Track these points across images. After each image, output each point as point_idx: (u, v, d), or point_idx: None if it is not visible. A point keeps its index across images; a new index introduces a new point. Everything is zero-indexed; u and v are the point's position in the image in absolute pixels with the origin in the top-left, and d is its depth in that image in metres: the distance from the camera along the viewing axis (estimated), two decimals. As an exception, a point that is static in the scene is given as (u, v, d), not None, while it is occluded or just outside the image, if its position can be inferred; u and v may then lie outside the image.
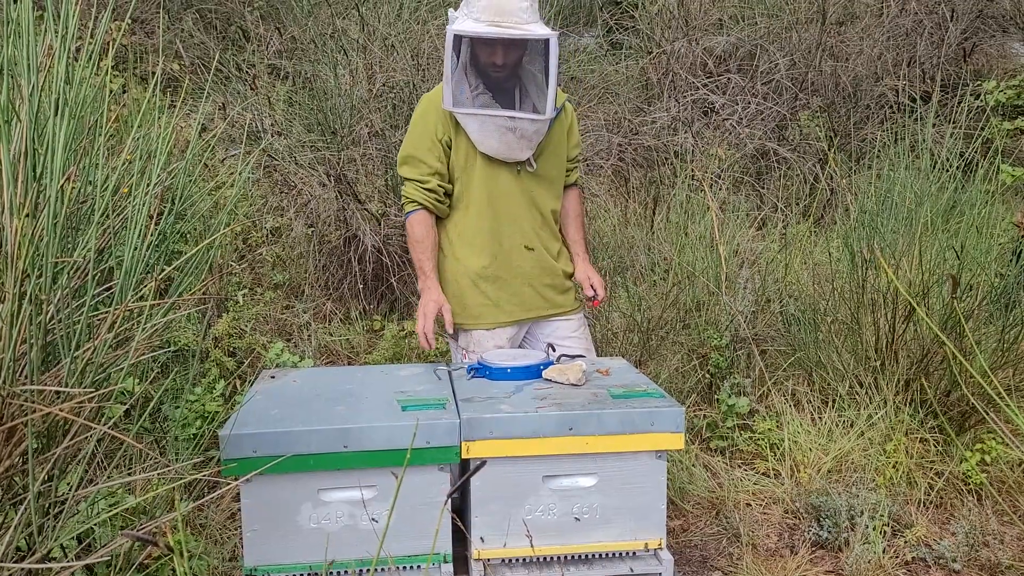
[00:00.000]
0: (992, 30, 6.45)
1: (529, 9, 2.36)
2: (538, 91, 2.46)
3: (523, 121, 2.41)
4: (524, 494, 1.99)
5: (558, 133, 2.60)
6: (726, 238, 4.11)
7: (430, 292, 2.51)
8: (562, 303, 2.67)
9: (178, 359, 3.23)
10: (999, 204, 3.90)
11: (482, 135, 2.44)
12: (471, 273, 2.55)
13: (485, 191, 2.52)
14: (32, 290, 1.41)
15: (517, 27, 2.33)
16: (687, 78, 5.54)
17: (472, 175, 2.52)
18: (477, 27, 2.34)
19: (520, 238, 2.57)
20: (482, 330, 2.57)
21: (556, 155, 2.62)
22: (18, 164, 1.44)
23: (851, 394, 3.26)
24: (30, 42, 1.59)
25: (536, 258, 2.59)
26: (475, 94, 2.45)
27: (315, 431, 1.88)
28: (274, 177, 4.58)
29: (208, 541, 2.50)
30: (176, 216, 2.02)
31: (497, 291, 2.56)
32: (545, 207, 2.61)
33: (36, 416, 1.45)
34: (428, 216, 2.53)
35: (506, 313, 2.58)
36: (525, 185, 2.55)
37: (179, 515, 1.31)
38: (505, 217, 2.54)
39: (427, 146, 2.51)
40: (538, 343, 2.68)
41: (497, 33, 2.33)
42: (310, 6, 5.86)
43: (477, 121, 2.43)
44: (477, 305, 2.56)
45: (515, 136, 2.43)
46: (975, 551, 2.65)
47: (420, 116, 2.55)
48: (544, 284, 2.62)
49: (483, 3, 2.33)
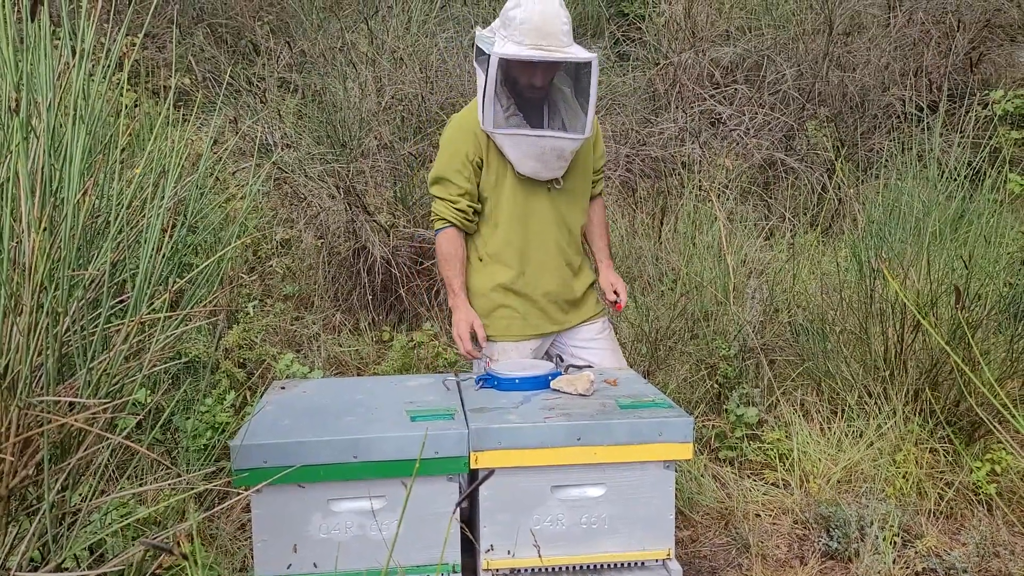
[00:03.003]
0: (999, 39, 6.45)
1: (568, 32, 2.40)
2: (568, 109, 2.49)
3: (562, 140, 2.45)
4: (532, 504, 2.00)
5: (584, 147, 2.63)
6: (734, 248, 4.11)
7: (459, 310, 2.55)
8: (583, 313, 2.71)
9: (189, 370, 3.25)
10: (1007, 213, 3.90)
11: (519, 156, 2.47)
12: (499, 287, 2.59)
13: (514, 209, 2.56)
14: (49, 303, 1.43)
15: (560, 50, 2.37)
16: (694, 89, 5.55)
17: (502, 194, 2.55)
18: (521, 51, 2.36)
19: (547, 256, 2.60)
20: (508, 342, 2.61)
21: (583, 169, 2.65)
22: (35, 179, 1.46)
23: (860, 404, 3.25)
24: (47, 58, 1.62)
25: (562, 274, 2.63)
26: (507, 115, 2.48)
27: (325, 442, 1.90)
28: (284, 189, 4.62)
29: (218, 551, 2.51)
30: (188, 229, 2.05)
31: (523, 305, 2.60)
32: (574, 223, 2.65)
33: (52, 427, 1.47)
34: (458, 234, 2.57)
35: (532, 327, 2.62)
36: (555, 202, 2.59)
37: (193, 524, 1.32)
38: (534, 234, 2.58)
39: (457, 167, 2.54)
40: (564, 349, 2.72)
41: (543, 56, 2.36)
42: (320, 20, 5.92)
43: (513, 141, 2.46)
44: (504, 317, 2.60)
45: (553, 156, 2.47)
46: (986, 562, 2.64)
47: (450, 137, 2.58)
48: (565, 301, 2.66)
49: (526, 27, 2.35)
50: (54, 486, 1.53)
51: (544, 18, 2.35)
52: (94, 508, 1.70)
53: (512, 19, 2.38)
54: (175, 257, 1.88)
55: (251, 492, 1.86)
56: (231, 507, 2.61)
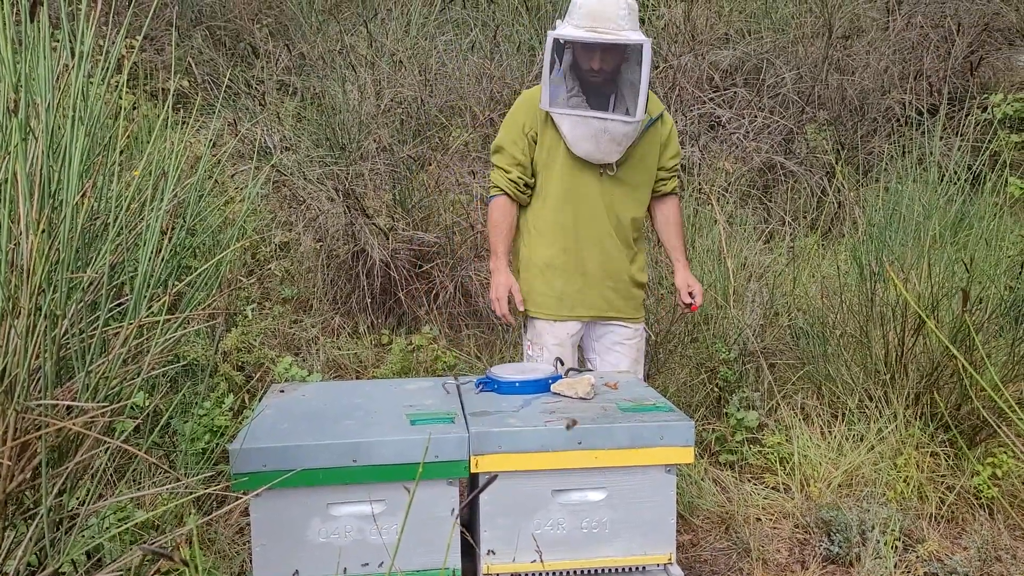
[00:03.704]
0: (998, 43, 6.45)
1: (627, 17, 2.45)
2: (632, 96, 2.53)
3: (615, 123, 2.49)
4: (533, 508, 1.98)
5: (650, 142, 2.67)
6: (734, 251, 4.11)
7: (499, 273, 2.64)
8: (622, 308, 2.72)
9: (187, 373, 3.24)
10: (1008, 217, 3.90)
11: (575, 136, 2.53)
12: (540, 262, 2.66)
13: (564, 188, 2.61)
14: (47, 305, 1.42)
15: (613, 32, 2.43)
16: (694, 92, 5.55)
17: (552, 171, 2.62)
18: (576, 32, 2.46)
19: (591, 238, 2.64)
20: (543, 320, 2.66)
21: (644, 163, 2.68)
22: (34, 180, 1.45)
23: (861, 408, 3.24)
24: (46, 59, 1.61)
25: (604, 259, 2.66)
26: (570, 96, 2.55)
27: (324, 445, 1.89)
28: (283, 192, 4.61)
29: (216, 556, 2.50)
30: (187, 232, 2.04)
31: (563, 284, 2.65)
32: (624, 213, 2.67)
33: (50, 430, 1.45)
34: (508, 202, 2.66)
35: (567, 307, 2.66)
36: (606, 188, 2.63)
37: (194, 528, 1.31)
38: (581, 215, 2.63)
39: (513, 138, 2.64)
40: (590, 344, 2.76)
41: (592, 38, 2.44)
42: (319, 23, 5.92)
43: (570, 121, 2.52)
44: (541, 294, 2.66)
45: (607, 137, 2.51)
46: (987, 566, 2.63)
47: (513, 110, 2.68)
48: (607, 286, 2.69)
49: (583, 10, 2.45)
50: (52, 490, 1.52)
51: (601, 3, 2.44)
52: (92, 512, 1.69)
53: (574, 4, 2.49)
54: (174, 260, 1.86)
55: (250, 496, 1.85)
56: (230, 511, 2.59)
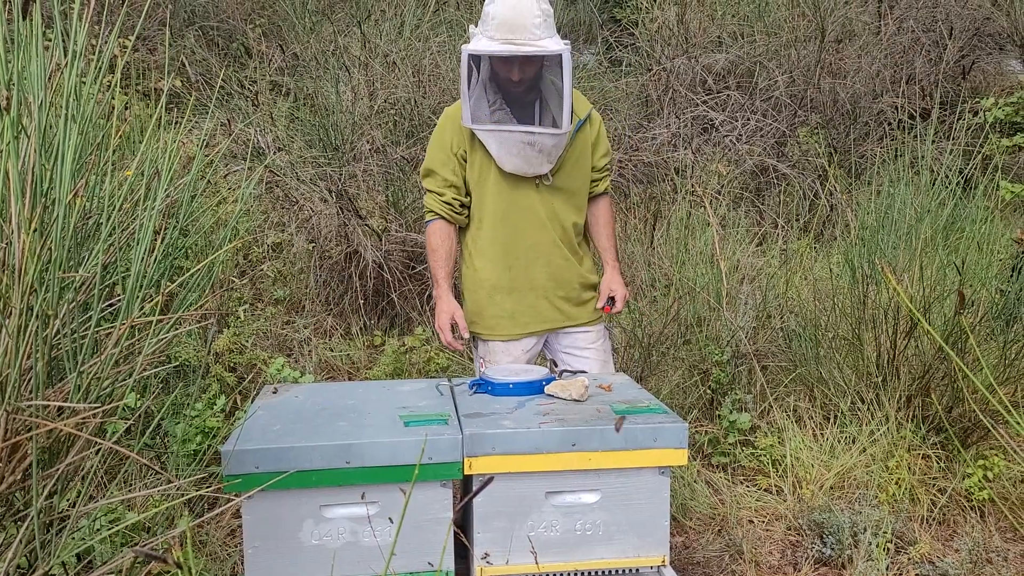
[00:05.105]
0: (989, 48, 6.50)
1: (543, 24, 2.35)
2: (557, 104, 2.44)
3: (542, 136, 2.41)
4: (527, 510, 1.98)
5: (582, 144, 2.59)
6: (726, 254, 4.12)
7: (441, 301, 2.55)
8: (577, 315, 2.66)
9: (179, 374, 3.23)
10: (999, 220, 3.92)
11: (502, 152, 2.45)
12: (487, 285, 2.58)
13: (499, 205, 2.53)
14: (39, 305, 1.41)
15: (530, 43, 2.33)
16: (687, 95, 5.57)
17: (485, 189, 2.53)
18: (491, 46, 2.34)
19: (536, 251, 2.57)
20: (498, 341, 2.59)
21: (579, 167, 2.60)
22: (26, 179, 1.44)
23: (853, 410, 3.25)
24: (38, 57, 1.60)
25: (551, 271, 2.59)
26: (493, 110, 2.45)
27: (317, 447, 1.88)
28: (276, 193, 4.60)
29: (208, 558, 2.48)
30: (180, 232, 2.03)
31: (513, 303, 2.58)
32: (567, 220, 2.60)
33: (41, 431, 1.44)
34: (446, 226, 2.56)
35: (521, 325, 2.59)
36: (545, 198, 2.55)
37: (187, 530, 1.30)
38: (521, 231, 2.55)
39: (442, 159, 2.54)
40: (556, 354, 2.69)
41: (510, 51, 2.33)
42: (312, 23, 5.91)
43: (496, 138, 2.44)
44: (492, 316, 2.59)
45: (534, 151, 2.43)
46: (979, 568, 2.64)
47: (438, 130, 2.58)
48: (559, 296, 2.62)
49: (496, 21, 2.33)
50: (42, 492, 1.51)
51: (515, 12, 2.32)
52: (83, 514, 1.68)
53: (486, 15, 2.37)
54: (166, 260, 1.85)
55: (242, 498, 1.84)
56: (221, 513, 2.58)
